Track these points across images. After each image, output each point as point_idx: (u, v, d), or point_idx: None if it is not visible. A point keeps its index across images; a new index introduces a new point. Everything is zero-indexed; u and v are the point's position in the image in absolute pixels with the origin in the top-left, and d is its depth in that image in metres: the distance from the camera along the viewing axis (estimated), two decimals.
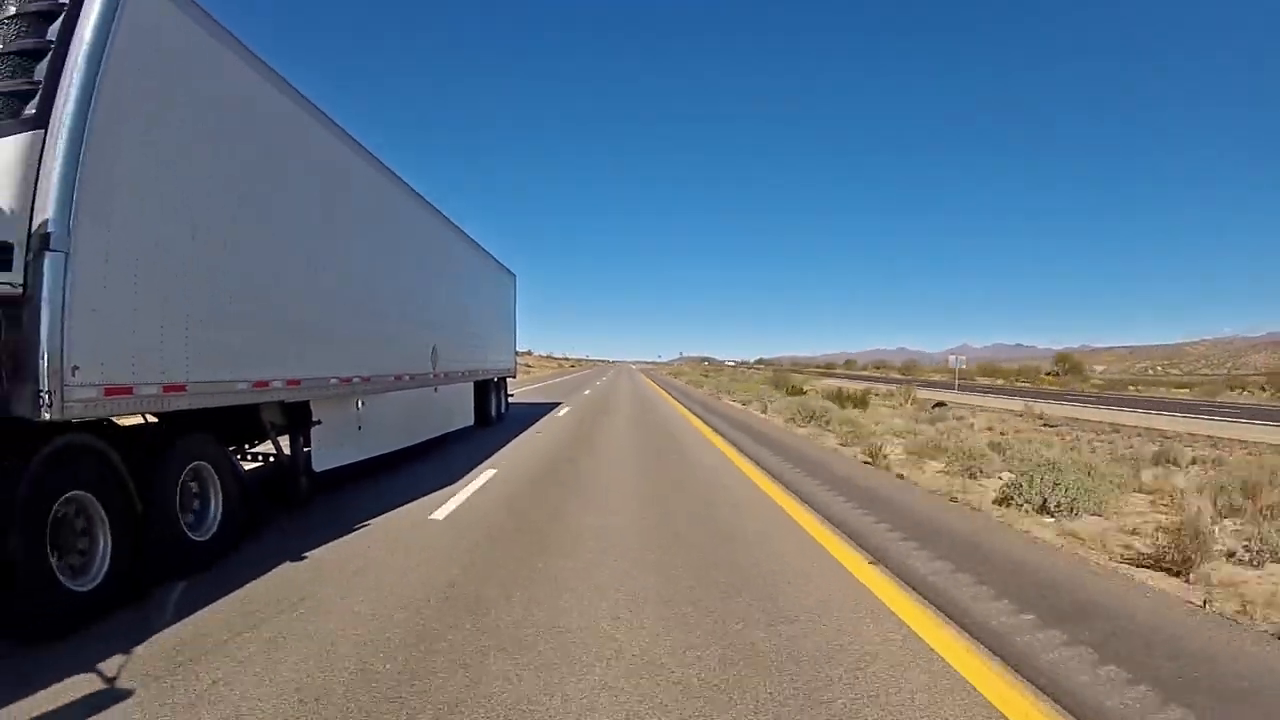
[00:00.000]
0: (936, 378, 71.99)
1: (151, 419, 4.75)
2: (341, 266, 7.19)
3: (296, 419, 6.26)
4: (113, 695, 2.95)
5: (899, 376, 75.93)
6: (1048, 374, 66.26)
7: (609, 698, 3.06)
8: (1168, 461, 11.50)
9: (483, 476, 8.63)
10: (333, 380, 6.66)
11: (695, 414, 20.67)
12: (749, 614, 4.08)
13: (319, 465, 6.52)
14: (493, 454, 10.73)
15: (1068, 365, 67.78)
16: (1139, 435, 17.78)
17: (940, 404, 26.24)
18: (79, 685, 3.02)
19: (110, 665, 3.21)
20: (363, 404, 7.62)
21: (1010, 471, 8.78)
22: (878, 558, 5.35)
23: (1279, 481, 7.62)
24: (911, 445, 12.06)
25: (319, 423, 6.42)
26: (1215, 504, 7.10)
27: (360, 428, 7.55)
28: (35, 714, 2.79)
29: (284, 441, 6.38)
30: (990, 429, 17.62)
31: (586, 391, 33.99)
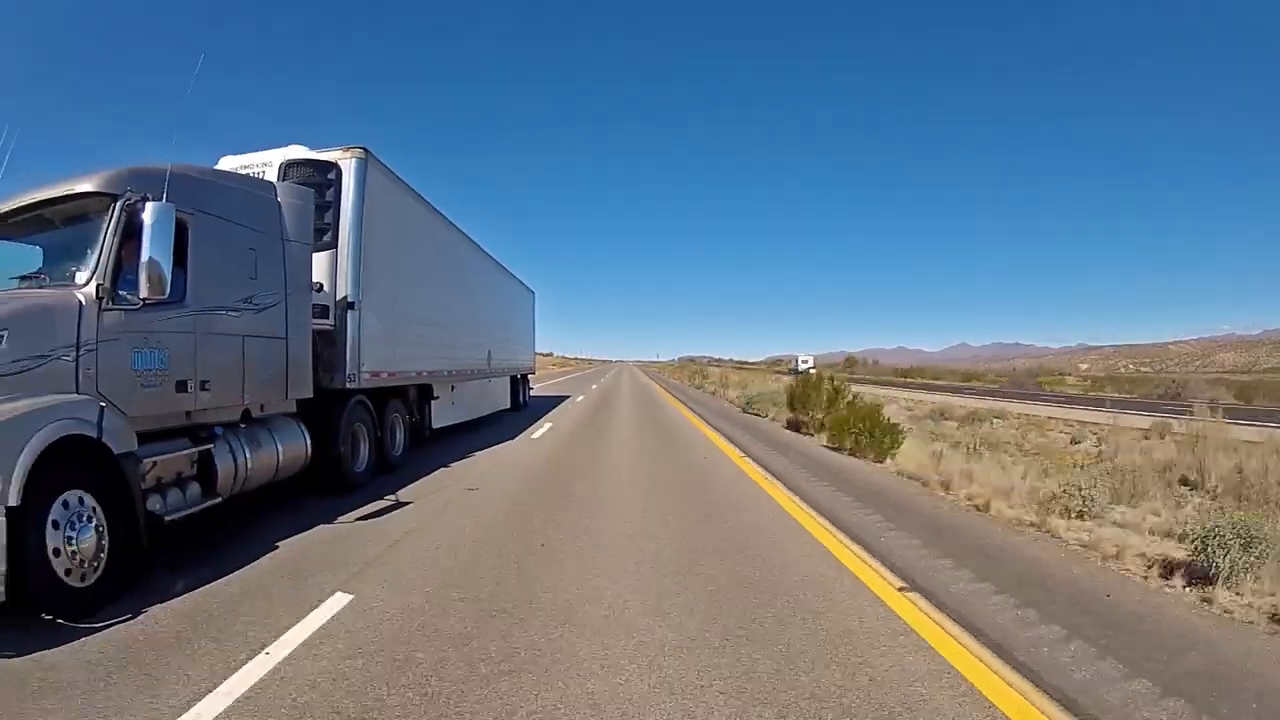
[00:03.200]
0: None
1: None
2: (453, 306, 10.64)
3: (425, 395, 9.59)
4: (392, 508, 6.21)
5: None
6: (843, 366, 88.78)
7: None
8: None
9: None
10: (444, 372, 10.01)
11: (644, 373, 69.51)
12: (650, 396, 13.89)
13: (435, 424, 9.88)
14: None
15: (852, 363, 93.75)
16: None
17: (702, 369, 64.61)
18: (377, 508, 6.26)
19: (384, 500, 6.48)
20: (454, 388, 10.94)
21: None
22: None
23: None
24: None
25: (437, 398, 9.79)
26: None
27: (453, 403, 10.89)
28: (359, 515, 6.00)
29: (415, 409, 9.72)
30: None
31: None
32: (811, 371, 23.06)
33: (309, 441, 6.11)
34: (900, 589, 4.14)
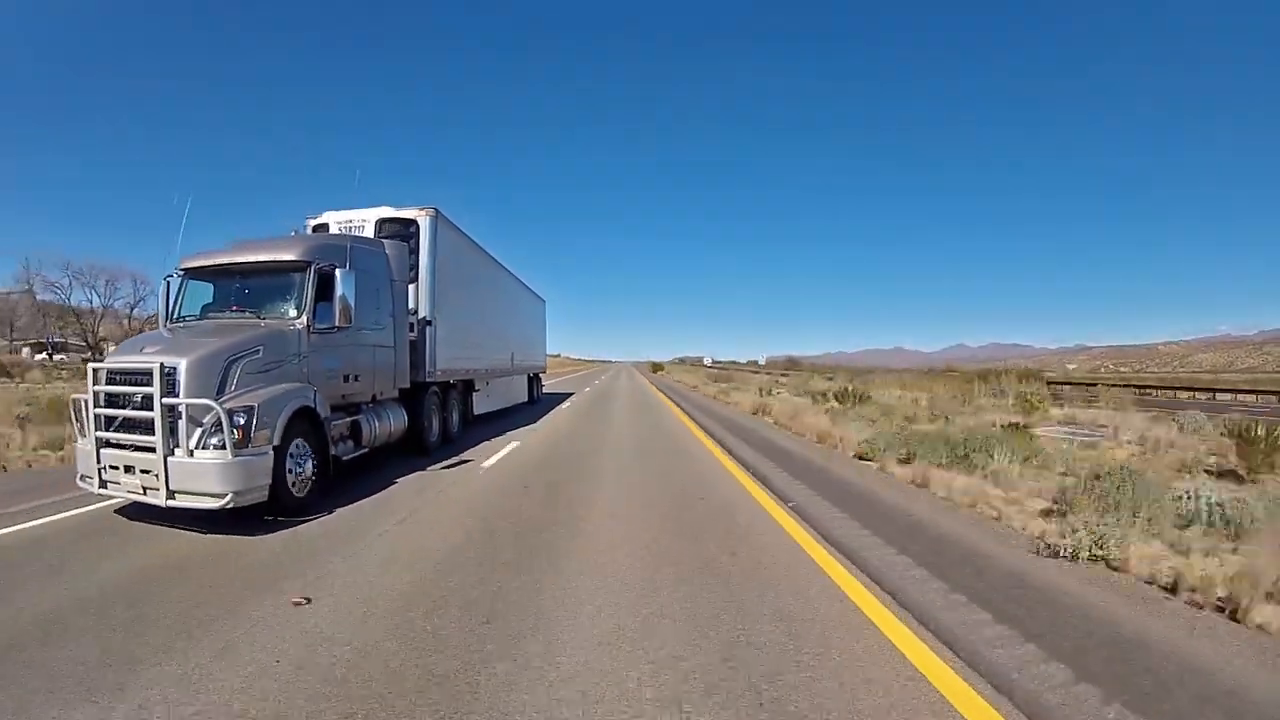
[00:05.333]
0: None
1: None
2: (490, 318, 13.35)
3: (469, 388, 12.31)
4: (461, 462, 8.91)
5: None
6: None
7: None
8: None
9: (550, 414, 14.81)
10: (483, 370, 12.74)
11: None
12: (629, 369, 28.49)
13: (475, 411, 12.58)
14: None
15: (791, 362, 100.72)
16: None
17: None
18: (450, 461, 8.96)
19: (452, 458, 9.17)
20: (489, 383, 13.66)
21: None
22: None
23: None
24: None
25: (478, 390, 12.51)
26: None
27: (488, 395, 13.62)
28: (439, 466, 8.66)
29: (463, 399, 12.44)
30: None
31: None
32: (709, 363, 37.50)
33: (405, 417, 8.82)
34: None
